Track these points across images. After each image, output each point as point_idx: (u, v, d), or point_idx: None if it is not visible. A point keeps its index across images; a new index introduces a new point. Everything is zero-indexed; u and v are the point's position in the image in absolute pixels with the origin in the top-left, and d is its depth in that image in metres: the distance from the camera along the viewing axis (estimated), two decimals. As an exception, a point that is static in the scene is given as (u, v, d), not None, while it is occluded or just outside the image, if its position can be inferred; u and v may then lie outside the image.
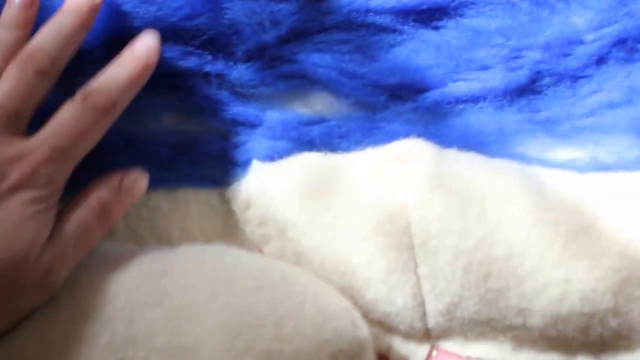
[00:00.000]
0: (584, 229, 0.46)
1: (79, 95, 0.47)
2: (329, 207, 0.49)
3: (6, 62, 0.48)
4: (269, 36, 0.53)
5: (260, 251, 0.51)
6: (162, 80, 0.52)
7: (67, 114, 0.47)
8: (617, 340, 0.48)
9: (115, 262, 0.48)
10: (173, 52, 0.52)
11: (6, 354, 0.44)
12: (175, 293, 0.45)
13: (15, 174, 0.45)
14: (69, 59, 0.49)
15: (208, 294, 0.45)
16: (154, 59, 0.49)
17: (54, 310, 0.45)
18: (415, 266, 0.48)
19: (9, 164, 0.45)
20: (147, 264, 0.47)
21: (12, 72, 0.47)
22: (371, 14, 0.54)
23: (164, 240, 0.52)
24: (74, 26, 0.49)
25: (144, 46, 0.49)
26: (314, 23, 0.54)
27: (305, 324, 0.45)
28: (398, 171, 0.49)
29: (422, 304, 0.48)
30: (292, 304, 0.45)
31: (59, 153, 0.46)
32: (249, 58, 0.53)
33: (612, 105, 0.54)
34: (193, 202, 0.53)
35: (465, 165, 0.49)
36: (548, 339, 0.48)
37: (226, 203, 0.53)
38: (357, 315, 0.48)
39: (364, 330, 0.47)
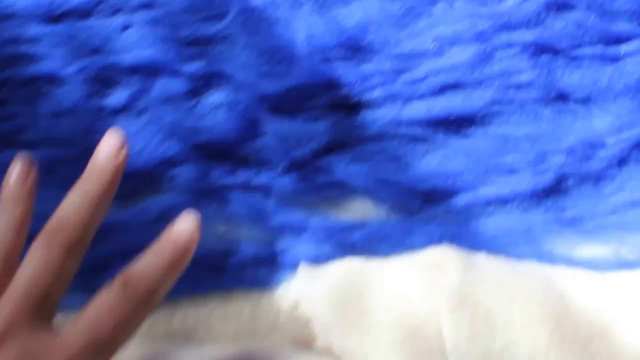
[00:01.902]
0: (603, 331, 0.49)
1: (117, 283, 0.42)
2: (364, 313, 0.53)
3: (20, 238, 0.43)
4: (306, 151, 0.58)
5: (309, 348, 0.56)
6: (212, 194, 0.57)
7: (105, 303, 0.41)
8: None
9: None
10: (222, 169, 0.58)
11: None
12: None
13: None
14: (97, 228, 0.44)
15: None
16: (194, 243, 0.43)
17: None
18: (447, 368, 0.51)
19: None
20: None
21: (38, 250, 0.42)
22: (403, 125, 0.59)
23: (220, 340, 0.57)
24: (100, 192, 0.44)
25: (184, 230, 0.43)
26: (349, 136, 0.59)
27: None
28: (429, 280, 0.53)
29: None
30: None
31: (96, 347, 0.40)
32: (289, 170, 0.58)
33: (634, 204, 0.57)
34: (245, 303, 0.57)
35: (492, 271, 0.53)
36: None
37: (276, 303, 0.57)
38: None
39: None
